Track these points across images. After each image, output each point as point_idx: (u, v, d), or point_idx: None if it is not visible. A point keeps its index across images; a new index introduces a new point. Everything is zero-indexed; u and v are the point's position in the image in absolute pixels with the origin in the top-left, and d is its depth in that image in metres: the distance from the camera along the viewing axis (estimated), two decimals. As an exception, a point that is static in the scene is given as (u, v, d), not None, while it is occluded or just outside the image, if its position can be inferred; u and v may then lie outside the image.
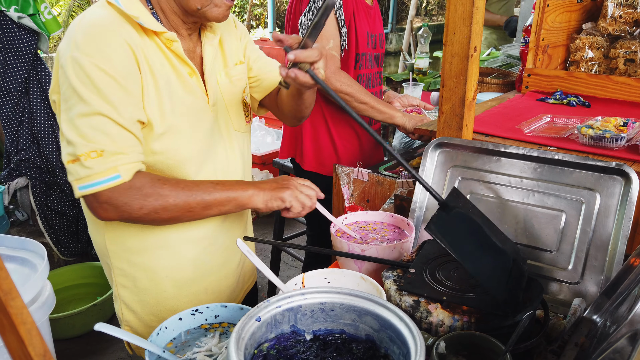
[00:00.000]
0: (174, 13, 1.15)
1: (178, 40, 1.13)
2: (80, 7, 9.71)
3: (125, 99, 1.03)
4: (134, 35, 1.07)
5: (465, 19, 1.22)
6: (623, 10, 2.06)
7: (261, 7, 11.26)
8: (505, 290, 0.89)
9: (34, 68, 2.62)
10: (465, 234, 0.95)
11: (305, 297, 0.79)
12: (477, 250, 0.94)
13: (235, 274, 1.42)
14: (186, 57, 1.15)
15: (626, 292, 0.87)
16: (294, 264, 3.44)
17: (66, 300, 2.83)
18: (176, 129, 1.14)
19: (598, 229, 1.07)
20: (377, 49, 2.05)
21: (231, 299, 1.43)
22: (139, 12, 1.08)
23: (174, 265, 1.26)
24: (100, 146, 1.00)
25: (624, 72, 2.07)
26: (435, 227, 0.92)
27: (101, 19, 1.05)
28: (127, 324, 1.30)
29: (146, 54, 1.09)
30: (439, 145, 1.29)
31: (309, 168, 2.07)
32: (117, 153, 1.01)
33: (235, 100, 1.31)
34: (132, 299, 1.27)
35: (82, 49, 1.00)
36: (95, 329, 0.80)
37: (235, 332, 0.69)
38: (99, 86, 1.00)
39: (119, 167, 1.01)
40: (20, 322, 0.36)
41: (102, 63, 1.00)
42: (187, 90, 1.17)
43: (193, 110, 1.18)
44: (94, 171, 1.00)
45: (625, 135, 1.36)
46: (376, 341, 0.78)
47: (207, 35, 1.24)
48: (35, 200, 2.77)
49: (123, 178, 1.02)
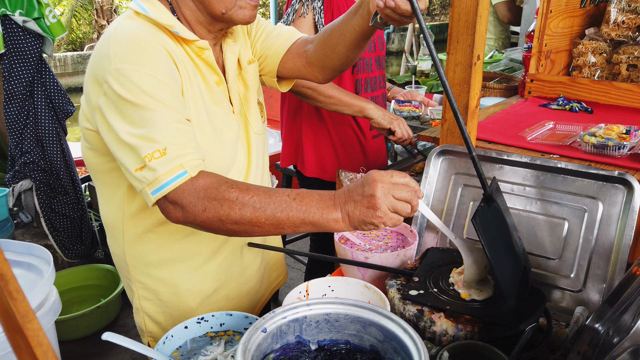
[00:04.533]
0: (199, 23, 1.13)
1: (210, 48, 1.11)
2: (84, 7, 9.71)
3: (176, 100, 1.00)
4: (169, 42, 1.06)
5: (469, 28, 1.22)
6: (626, 15, 2.06)
7: (263, 7, 11.27)
8: (515, 297, 0.90)
9: (38, 71, 2.64)
10: (497, 231, 0.94)
11: (310, 308, 0.80)
12: (503, 250, 0.92)
13: (257, 276, 1.39)
14: (216, 66, 1.14)
15: (628, 300, 0.88)
16: (297, 266, 3.45)
17: (70, 302, 2.84)
18: (207, 142, 1.12)
19: (600, 237, 1.08)
20: (377, 51, 2.03)
21: (254, 301, 1.40)
22: (172, 22, 1.07)
23: (194, 278, 1.24)
24: (162, 145, 0.94)
25: (627, 78, 2.07)
26: (480, 221, 0.89)
27: (136, 29, 1.03)
28: (151, 336, 1.29)
29: (183, 64, 1.08)
30: (442, 153, 1.30)
31: (310, 174, 2.07)
32: (180, 149, 0.96)
33: (252, 103, 1.29)
34: (156, 310, 1.26)
35: (123, 60, 0.97)
36: (104, 339, 0.81)
37: (241, 344, 0.70)
38: (149, 90, 0.96)
39: (184, 163, 0.95)
40: (37, 344, 0.37)
41: (148, 69, 0.97)
42: (215, 101, 1.15)
43: (222, 121, 1.17)
44: (160, 172, 0.94)
45: (628, 143, 1.37)
46: (380, 352, 0.79)
47: (228, 42, 1.22)
48: (40, 203, 2.78)
49: (190, 174, 0.95)
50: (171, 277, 1.23)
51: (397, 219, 0.91)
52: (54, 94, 2.70)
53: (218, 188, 0.95)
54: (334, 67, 1.31)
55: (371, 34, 1.21)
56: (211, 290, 1.28)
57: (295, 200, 0.94)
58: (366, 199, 0.89)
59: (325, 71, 1.33)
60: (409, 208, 0.91)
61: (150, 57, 0.99)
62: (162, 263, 1.22)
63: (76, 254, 2.97)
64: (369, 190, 0.90)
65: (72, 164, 2.86)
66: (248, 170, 1.28)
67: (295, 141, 2.09)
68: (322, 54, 1.29)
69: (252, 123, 1.29)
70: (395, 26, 1.18)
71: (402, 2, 1.00)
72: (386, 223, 0.90)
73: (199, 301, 1.26)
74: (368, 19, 1.15)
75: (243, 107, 1.27)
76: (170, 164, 0.94)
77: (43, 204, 2.79)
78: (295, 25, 1.83)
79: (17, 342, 0.38)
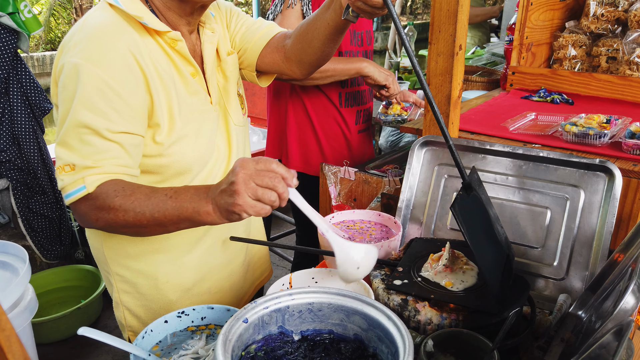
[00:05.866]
0: (169, 9, 1.11)
1: (182, 39, 1.10)
2: (62, 5, 9.54)
3: (119, 109, 1.00)
4: (137, 38, 1.04)
5: (450, 17, 1.22)
6: (605, 8, 2.08)
7: (246, 6, 11.21)
8: (498, 285, 0.90)
9: (14, 68, 2.57)
10: (478, 219, 0.93)
11: (293, 298, 0.79)
12: (484, 238, 0.92)
13: (241, 271, 1.38)
14: (191, 57, 1.13)
15: (610, 287, 0.88)
16: (282, 264, 3.43)
17: (50, 304, 2.78)
18: (183, 133, 1.12)
19: (582, 225, 1.08)
20: (365, 46, 2.03)
21: (238, 296, 1.39)
22: (142, 12, 1.05)
23: (174, 270, 1.23)
24: (75, 160, 0.99)
25: (606, 70, 2.09)
26: (459, 209, 0.89)
27: (103, 24, 1.03)
28: (131, 330, 1.28)
29: (152, 57, 1.06)
30: (425, 144, 1.29)
31: (294, 168, 2.06)
32: (89, 167, 0.99)
33: (232, 94, 1.29)
34: (135, 304, 1.25)
35: (82, 55, 0.99)
36: (79, 333, 0.79)
37: (222, 334, 0.68)
38: (92, 95, 0.98)
39: (86, 178, 0.99)
40: (-2, 329, 0.35)
41: (101, 71, 0.98)
42: (191, 92, 1.14)
43: (198, 112, 1.16)
44: (66, 183, 1.00)
45: (609, 132, 1.38)
46: (364, 341, 0.78)
47: (206, 33, 1.21)
48: (17, 203, 2.71)
49: (87, 189, 0.99)
50: (150, 269, 1.21)
51: (259, 208, 0.86)
52: (30, 91, 2.63)
53: (106, 198, 0.98)
54: (311, 62, 1.31)
55: (345, 28, 1.22)
56: (192, 283, 1.26)
57: (171, 199, 0.94)
58: (229, 187, 0.87)
59: (302, 66, 1.33)
60: (274, 196, 0.86)
61: (108, 58, 0.99)
62: (140, 254, 1.20)
63: (55, 255, 2.90)
64: (231, 178, 0.87)
65: (50, 163, 2.80)
66: (229, 161, 1.26)
67: (280, 134, 2.08)
68: (298, 48, 1.28)
69: (232, 114, 1.28)
70: (368, 18, 1.18)
71: None
72: (247, 211, 0.86)
73: (179, 294, 1.25)
74: (340, 12, 1.15)
75: (222, 98, 1.26)
76: (74, 178, 1.00)
77: (20, 204, 2.72)
78: (283, 16, 1.81)
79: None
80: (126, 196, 0.97)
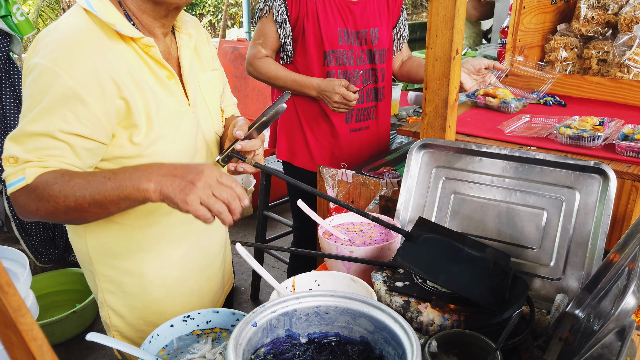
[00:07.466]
0: (143, 12, 1.12)
1: (156, 45, 1.11)
2: (50, 6, 9.47)
3: (78, 113, 1.01)
4: (110, 44, 1.05)
5: (447, 22, 1.24)
6: (595, 11, 2.12)
7: (236, 7, 11.18)
8: (487, 293, 0.93)
9: (6, 71, 2.55)
10: (437, 254, 1.03)
11: (300, 301, 0.80)
12: (451, 265, 1.00)
13: (219, 274, 1.43)
14: (164, 62, 1.14)
15: (607, 287, 0.90)
16: (277, 265, 3.44)
17: (44, 308, 2.76)
18: (161, 133, 1.14)
19: (578, 226, 1.11)
20: (362, 45, 2.01)
21: (215, 300, 1.44)
22: (115, 19, 1.06)
23: (160, 268, 1.26)
24: (19, 153, 1.01)
25: (597, 72, 2.13)
26: (402, 258, 1.01)
27: (76, 30, 1.03)
28: (116, 330, 1.29)
29: (126, 62, 1.07)
30: (423, 146, 1.31)
31: (281, 158, 2.15)
32: (30, 161, 1.00)
33: (215, 101, 1.32)
34: (119, 304, 1.26)
35: (50, 57, 0.99)
36: (88, 339, 0.79)
37: (232, 339, 0.69)
38: (54, 98, 0.99)
39: (26, 169, 1.00)
40: (31, 339, 0.36)
41: (68, 76, 0.99)
42: (168, 93, 1.16)
43: (175, 113, 1.17)
44: (7, 173, 1.01)
45: (602, 134, 1.41)
46: (371, 343, 0.80)
47: (182, 38, 1.24)
48: (10, 207, 2.70)
49: (26, 180, 1.00)
50: (136, 267, 1.23)
51: (203, 213, 0.93)
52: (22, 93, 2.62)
53: (45, 187, 0.99)
54: None
55: None
56: (176, 283, 1.29)
57: (110, 180, 0.98)
58: (185, 182, 0.94)
59: None
60: (225, 210, 0.94)
61: (74, 61, 1.00)
62: (126, 253, 1.22)
63: (49, 259, 2.88)
64: (191, 177, 0.94)
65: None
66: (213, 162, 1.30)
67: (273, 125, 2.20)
68: None
69: (214, 120, 1.32)
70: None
71: (248, 168, 1.14)
72: (190, 211, 0.93)
73: (164, 291, 1.27)
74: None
75: (205, 101, 1.29)
76: (15, 169, 1.01)
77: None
78: (261, 24, 1.99)
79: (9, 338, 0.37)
80: (65, 182, 0.99)
